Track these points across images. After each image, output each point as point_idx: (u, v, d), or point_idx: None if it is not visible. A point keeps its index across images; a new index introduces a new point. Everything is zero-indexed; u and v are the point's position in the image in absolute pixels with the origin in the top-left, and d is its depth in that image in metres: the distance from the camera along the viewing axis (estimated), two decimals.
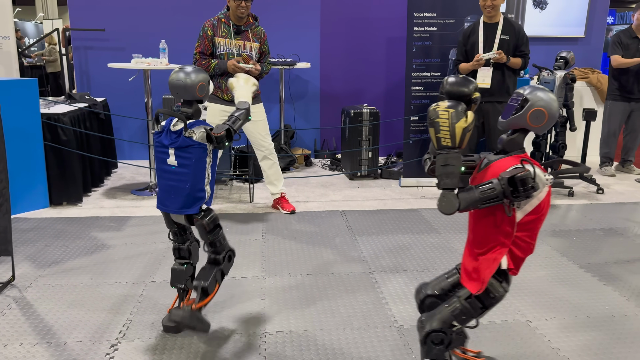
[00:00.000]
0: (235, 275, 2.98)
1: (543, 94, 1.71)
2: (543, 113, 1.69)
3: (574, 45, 6.40)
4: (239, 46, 3.81)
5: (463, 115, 1.69)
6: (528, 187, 1.60)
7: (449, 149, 1.68)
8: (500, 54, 3.97)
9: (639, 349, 2.27)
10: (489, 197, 1.64)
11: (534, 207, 1.69)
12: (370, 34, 5.99)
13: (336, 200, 4.51)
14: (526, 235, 1.74)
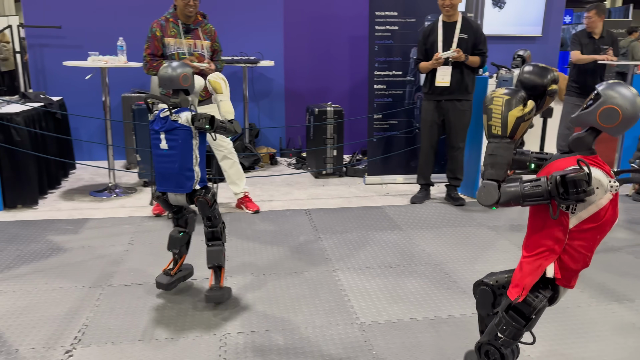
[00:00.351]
0: (197, 277, 2.94)
1: (620, 91, 1.50)
2: (616, 112, 1.48)
3: (532, 44, 6.57)
4: (189, 45, 3.75)
5: (519, 104, 1.58)
6: (580, 190, 1.44)
7: (500, 138, 1.58)
8: (459, 52, 4.04)
9: (592, 339, 2.34)
10: (533, 194, 1.51)
11: (591, 214, 1.50)
12: (334, 32, 6.01)
13: (301, 198, 4.50)
14: (581, 246, 1.54)
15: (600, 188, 1.48)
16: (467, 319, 2.51)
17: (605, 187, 1.48)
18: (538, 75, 1.62)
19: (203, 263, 2.74)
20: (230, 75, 5.85)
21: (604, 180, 1.48)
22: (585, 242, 1.54)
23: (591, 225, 1.51)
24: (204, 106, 3.88)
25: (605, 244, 3.45)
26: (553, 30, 6.63)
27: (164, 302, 2.64)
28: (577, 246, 1.54)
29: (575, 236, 1.53)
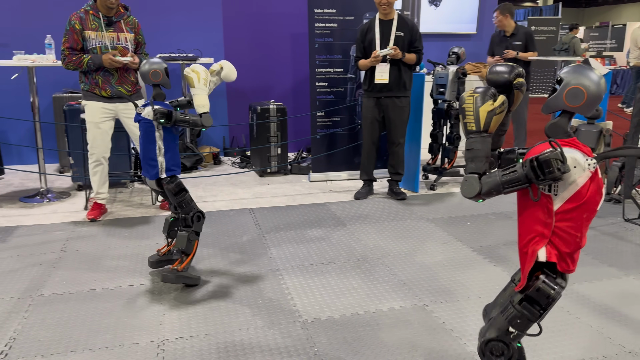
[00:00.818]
0: (134, 283, 2.84)
1: (582, 71, 1.57)
2: (581, 91, 1.55)
3: (467, 41, 6.78)
4: (112, 38, 3.63)
5: (489, 99, 1.66)
6: (553, 170, 1.48)
7: (475, 133, 1.67)
8: (396, 50, 4.11)
9: None
10: (511, 180, 1.56)
11: (572, 194, 1.54)
12: (275, 29, 5.97)
13: (245, 198, 4.45)
14: (569, 227, 1.56)
15: (577, 167, 1.51)
16: (407, 310, 2.56)
17: (582, 165, 1.51)
18: (503, 72, 1.71)
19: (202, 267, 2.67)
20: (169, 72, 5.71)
21: (581, 159, 1.52)
22: (573, 223, 1.55)
23: (574, 205, 1.54)
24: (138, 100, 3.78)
25: None
26: (487, 27, 6.86)
27: (99, 310, 2.54)
28: (565, 227, 1.56)
29: (562, 217, 1.56)
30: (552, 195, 1.56)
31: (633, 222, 3.80)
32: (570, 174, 1.51)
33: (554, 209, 1.56)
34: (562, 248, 1.57)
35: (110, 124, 3.75)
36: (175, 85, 5.73)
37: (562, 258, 1.59)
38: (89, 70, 3.60)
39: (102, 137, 3.72)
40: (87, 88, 3.66)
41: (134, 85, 3.78)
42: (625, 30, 16.97)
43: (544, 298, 1.58)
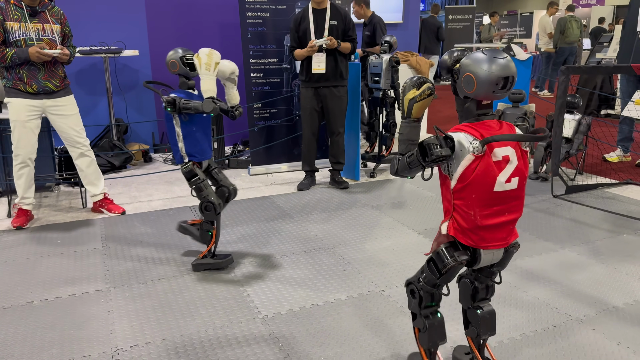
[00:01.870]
0: (75, 292, 2.66)
1: (472, 57, 1.65)
2: (470, 78, 1.63)
3: (395, 30, 6.92)
4: (37, 30, 3.35)
5: (411, 88, 1.79)
6: (432, 153, 1.62)
7: (403, 119, 1.84)
8: (331, 39, 4.10)
9: None
10: (412, 162, 1.72)
11: (460, 174, 1.64)
12: (202, 19, 5.77)
13: (184, 195, 4.29)
14: (462, 204, 1.67)
15: (463, 150, 1.61)
16: (365, 297, 2.58)
17: (466, 148, 1.60)
18: (445, 58, 1.79)
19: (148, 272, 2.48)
20: (90, 67, 5.37)
21: (465, 142, 1.61)
22: (464, 201, 1.66)
23: (462, 185, 1.64)
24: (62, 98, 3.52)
25: None
26: (412, 16, 7.05)
27: (40, 324, 2.35)
28: (461, 205, 1.67)
29: (457, 196, 1.68)
30: (449, 175, 1.68)
31: (561, 197, 4.06)
32: (458, 155, 1.62)
33: (451, 187, 1.68)
34: (461, 223, 1.69)
35: (37, 122, 3.46)
36: (97, 80, 5.40)
37: (464, 233, 1.70)
38: (12, 65, 3.29)
39: (29, 137, 3.43)
40: (10, 84, 3.35)
41: (62, 80, 3.51)
42: (533, 18, 18.10)
43: (441, 262, 1.75)
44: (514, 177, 1.65)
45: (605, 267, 2.88)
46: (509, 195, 1.66)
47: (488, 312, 1.87)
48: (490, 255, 1.74)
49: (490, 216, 1.66)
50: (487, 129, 1.64)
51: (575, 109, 4.54)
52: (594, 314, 2.39)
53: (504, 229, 1.71)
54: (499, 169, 1.62)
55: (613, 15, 18.26)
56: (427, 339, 1.87)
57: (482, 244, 1.69)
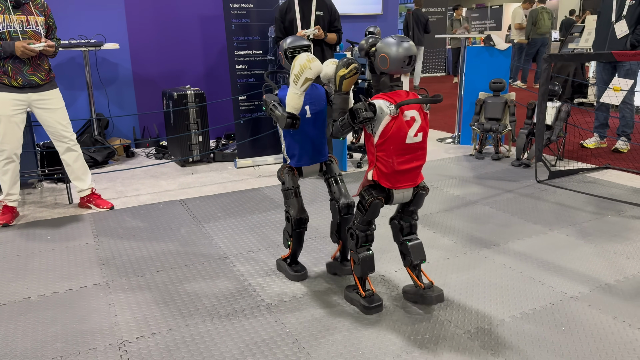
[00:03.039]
0: (72, 286, 2.62)
1: (387, 43, 2.08)
2: (384, 57, 2.08)
3: (374, 22, 6.97)
4: (21, 22, 3.27)
5: (342, 67, 2.18)
6: (359, 116, 2.06)
7: (335, 92, 2.24)
8: (319, 29, 4.11)
9: (478, 279, 2.60)
10: (344, 125, 2.17)
11: (381, 131, 2.09)
12: (184, 11, 5.70)
13: (171, 189, 4.25)
14: (384, 155, 2.13)
15: (382, 112, 2.07)
16: None
17: (385, 111, 2.07)
18: (362, 43, 2.21)
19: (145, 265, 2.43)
20: (69, 61, 5.26)
21: (384, 106, 2.07)
22: (385, 152, 2.13)
23: (382, 139, 2.10)
24: (47, 92, 3.44)
25: (463, 199, 3.85)
26: (391, 8, 7.10)
27: (40, 320, 2.31)
28: (382, 156, 2.14)
29: (379, 149, 2.14)
30: (372, 134, 2.13)
31: (545, 182, 4.17)
32: (379, 117, 2.08)
33: (374, 142, 2.13)
34: (382, 170, 2.17)
35: (22, 116, 3.37)
36: (77, 74, 5.28)
37: (385, 177, 2.17)
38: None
39: (14, 132, 3.34)
40: None
41: (47, 74, 3.43)
42: (502, 11, 18.43)
43: (364, 200, 2.24)
44: (419, 133, 2.14)
45: (594, 246, 2.98)
46: (416, 146, 2.16)
47: (415, 242, 2.36)
48: (401, 194, 2.24)
49: (403, 163, 2.15)
50: (399, 97, 2.11)
51: (555, 96, 4.67)
52: (588, 291, 2.48)
53: (412, 173, 2.20)
54: (408, 126, 2.10)
55: (580, 7, 18.74)
56: (360, 270, 2.31)
57: (397, 185, 2.19)
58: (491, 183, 4.22)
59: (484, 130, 5.01)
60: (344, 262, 2.68)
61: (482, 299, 2.44)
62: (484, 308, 2.36)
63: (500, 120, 5.04)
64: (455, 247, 3.02)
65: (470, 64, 5.39)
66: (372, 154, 2.18)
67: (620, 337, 2.12)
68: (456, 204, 3.76)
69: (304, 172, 2.59)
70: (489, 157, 5.03)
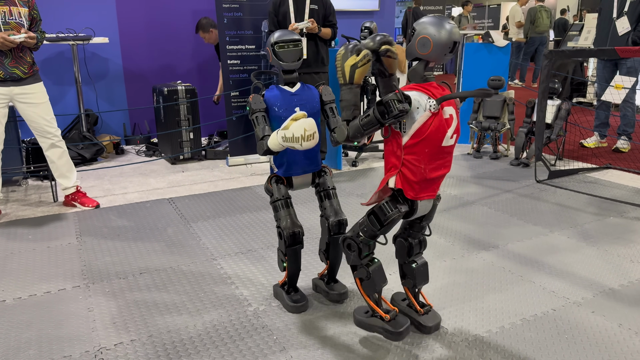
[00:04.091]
0: (51, 289, 2.49)
1: (428, 21, 1.74)
2: (427, 40, 1.72)
3: (370, 18, 6.84)
4: (3, 13, 3.14)
5: (351, 54, 1.85)
6: (393, 109, 1.67)
7: (343, 85, 1.87)
8: (313, 23, 3.99)
9: (476, 283, 2.48)
10: (368, 122, 1.76)
11: (415, 130, 1.74)
12: (175, 5, 5.56)
13: (160, 187, 4.12)
14: (414, 159, 1.78)
15: (419, 107, 1.72)
16: (354, 291, 2.49)
17: (424, 105, 1.72)
18: (368, 42, 1.87)
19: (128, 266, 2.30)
20: (57, 55, 5.12)
21: (422, 101, 1.72)
22: (417, 156, 1.77)
23: (417, 140, 1.74)
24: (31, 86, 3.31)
25: (461, 199, 3.74)
26: (389, 4, 6.97)
27: (14, 324, 2.18)
28: (412, 160, 1.78)
29: (409, 151, 1.78)
30: (402, 132, 1.77)
31: (545, 182, 4.06)
32: (412, 113, 1.72)
33: (402, 143, 1.78)
34: (409, 177, 1.80)
35: (4, 111, 3.25)
36: (65, 69, 5.15)
37: (410, 186, 1.81)
38: None
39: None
40: None
41: (30, 67, 3.30)
42: (500, 10, 18.33)
43: (383, 215, 1.86)
44: (455, 134, 1.82)
45: (596, 249, 2.87)
46: (448, 150, 1.83)
47: (422, 264, 2.06)
48: (424, 205, 1.90)
49: (435, 169, 1.82)
50: (435, 89, 1.78)
51: (555, 94, 4.56)
52: (592, 297, 2.37)
53: (438, 181, 1.88)
54: (447, 126, 1.77)
55: (578, 6, 18.65)
56: (372, 285, 1.96)
57: (422, 194, 1.84)
58: (489, 183, 4.10)
59: (482, 128, 4.90)
60: (330, 284, 2.39)
61: (481, 304, 2.33)
62: (482, 314, 2.24)
63: (498, 119, 4.93)
64: (453, 249, 2.91)
65: (469, 61, 5.27)
66: (397, 157, 1.80)
67: (627, 345, 2.01)
68: (453, 204, 3.65)
69: (295, 183, 2.25)
70: (487, 156, 4.92)
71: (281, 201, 2.20)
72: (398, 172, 1.81)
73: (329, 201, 2.28)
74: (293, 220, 2.19)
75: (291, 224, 2.18)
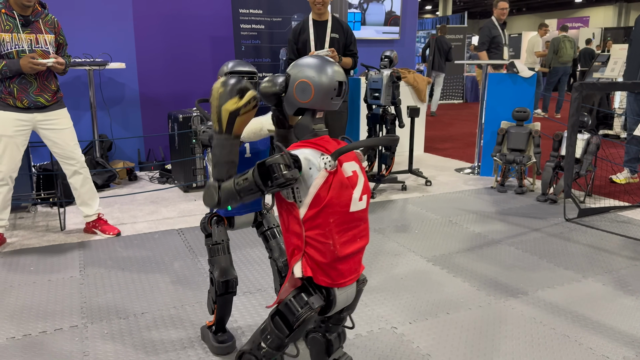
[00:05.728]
0: (47, 328, 2.33)
1: (306, 64, 1.46)
2: (307, 84, 1.43)
3: (391, 47, 6.75)
4: (30, 40, 3.09)
5: (234, 95, 1.43)
6: (278, 176, 1.34)
7: (218, 134, 1.46)
8: (333, 51, 3.88)
9: (502, 340, 2.26)
10: (245, 188, 1.40)
11: (312, 199, 1.39)
12: (193, 32, 5.53)
13: (170, 217, 3.99)
14: (319, 234, 1.41)
15: (313, 168, 1.38)
16: (375, 335, 2.29)
17: (317, 165, 1.38)
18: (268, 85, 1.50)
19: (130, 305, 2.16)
20: (73, 80, 5.09)
21: (315, 159, 1.38)
22: (321, 230, 1.41)
23: (317, 209, 1.39)
24: (55, 112, 3.23)
25: (485, 237, 3.52)
26: (409, 33, 6.89)
27: None
28: (315, 236, 1.41)
29: (310, 225, 1.41)
30: (297, 203, 1.42)
31: (574, 221, 3.83)
32: (305, 177, 1.39)
33: (300, 217, 1.41)
34: (317, 259, 1.42)
35: (24, 138, 3.18)
36: (81, 93, 5.11)
37: (322, 270, 1.44)
38: (2, 78, 3.03)
39: (13, 153, 3.14)
40: None
41: (54, 94, 3.23)
42: (521, 39, 18.22)
43: (291, 314, 1.45)
44: (364, 195, 1.48)
45: (635, 299, 2.63)
46: (359, 216, 1.47)
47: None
48: (345, 294, 1.50)
49: (347, 243, 1.45)
50: (329, 144, 1.45)
51: (584, 128, 4.35)
52: (634, 356, 2.13)
53: (356, 258, 1.50)
54: (352, 186, 1.44)
55: (601, 37, 18.46)
56: None
57: (340, 280, 1.46)
58: (515, 220, 3.88)
59: (507, 161, 4.70)
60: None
61: (509, 356, 2.11)
62: None
63: (524, 152, 4.73)
64: (478, 294, 2.69)
65: (492, 91, 5.11)
66: (298, 235, 1.43)
67: None
68: (477, 242, 3.43)
69: (236, 223, 2.09)
70: (512, 191, 4.70)
71: (220, 245, 2.02)
72: (303, 255, 1.44)
73: (275, 240, 2.12)
74: (228, 267, 2.02)
75: (225, 271, 2.00)
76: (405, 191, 4.71)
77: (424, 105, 6.51)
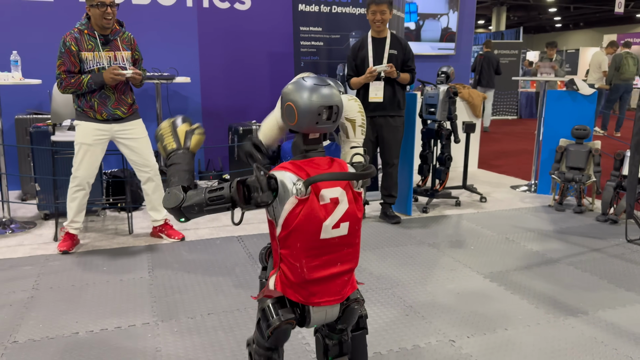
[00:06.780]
0: (121, 324, 2.51)
1: (293, 86, 1.46)
2: (291, 108, 1.44)
3: (446, 62, 6.77)
4: (109, 58, 3.35)
5: (185, 122, 1.69)
6: (256, 197, 1.39)
7: (175, 150, 1.61)
8: (392, 67, 3.96)
9: (565, 354, 2.25)
10: (216, 198, 1.43)
11: (284, 220, 1.42)
12: (253, 48, 5.76)
13: (230, 224, 4.15)
14: (288, 254, 1.44)
15: (286, 192, 1.40)
16: (433, 347, 2.33)
17: (289, 190, 1.39)
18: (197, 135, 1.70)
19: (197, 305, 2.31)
20: (142, 92, 5.39)
21: (288, 183, 1.40)
22: (289, 250, 1.44)
23: (286, 232, 1.42)
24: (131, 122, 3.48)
25: (543, 256, 3.49)
26: (464, 49, 6.89)
27: (85, 359, 2.20)
28: (287, 255, 1.45)
29: (282, 245, 1.45)
30: (275, 221, 1.45)
31: (637, 243, 3.73)
32: (281, 198, 1.41)
33: (276, 235, 1.46)
34: (289, 277, 1.46)
35: (102, 146, 3.43)
36: (149, 105, 5.41)
37: (292, 287, 1.47)
38: (86, 92, 3.32)
39: (91, 160, 3.39)
40: (80, 109, 3.36)
41: (130, 107, 3.49)
42: (579, 55, 17.74)
43: (265, 321, 1.51)
44: (344, 222, 1.45)
45: None
46: (338, 242, 1.46)
47: None
48: (322, 313, 1.51)
49: (319, 267, 1.45)
50: (315, 168, 1.44)
51: None
52: None
53: (337, 281, 1.50)
54: (326, 213, 1.42)
55: None
56: None
57: (313, 300, 1.47)
58: (574, 239, 3.81)
59: (565, 180, 4.62)
60: None
61: None
62: None
63: (583, 170, 4.64)
64: (537, 312, 2.68)
65: (551, 109, 5.04)
66: (276, 252, 1.50)
67: None
68: (535, 261, 3.40)
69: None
70: (570, 210, 4.61)
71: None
72: (278, 270, 1.49)
73: None
74: None
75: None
76: (460, 207, 4.71)
77: (478, 121, 6.47)
